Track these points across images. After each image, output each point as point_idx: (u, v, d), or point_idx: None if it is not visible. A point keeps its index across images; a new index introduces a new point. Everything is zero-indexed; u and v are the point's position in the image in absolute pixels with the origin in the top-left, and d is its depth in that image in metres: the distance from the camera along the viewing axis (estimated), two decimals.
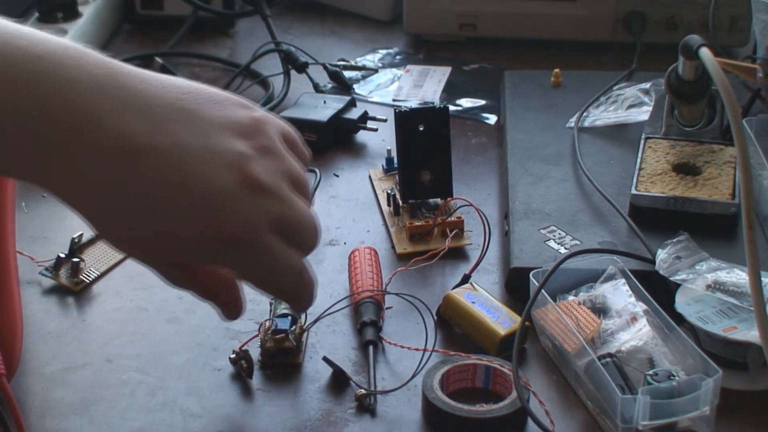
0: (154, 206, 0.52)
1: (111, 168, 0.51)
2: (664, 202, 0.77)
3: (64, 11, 1.07)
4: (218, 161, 0.53)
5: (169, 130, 0.52)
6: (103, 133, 0.51)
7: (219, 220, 0.52)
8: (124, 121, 0.51)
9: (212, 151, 0.53)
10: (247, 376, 0.66)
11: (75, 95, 0.50)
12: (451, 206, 0.81)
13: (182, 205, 0.52)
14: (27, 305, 0.71)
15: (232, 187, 0.53)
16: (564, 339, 0.65)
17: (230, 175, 0.53)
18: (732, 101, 0.63)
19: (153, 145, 0.52)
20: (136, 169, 0.51)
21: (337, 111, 0.95)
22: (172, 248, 0.54)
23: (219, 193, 0.52)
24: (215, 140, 0.53)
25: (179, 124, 0.53)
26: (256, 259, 0.54)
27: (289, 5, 1.23)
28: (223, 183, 0.53)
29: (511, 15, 1.11)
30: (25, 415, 0.62)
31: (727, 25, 1.08)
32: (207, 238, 0.53)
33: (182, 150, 0.52)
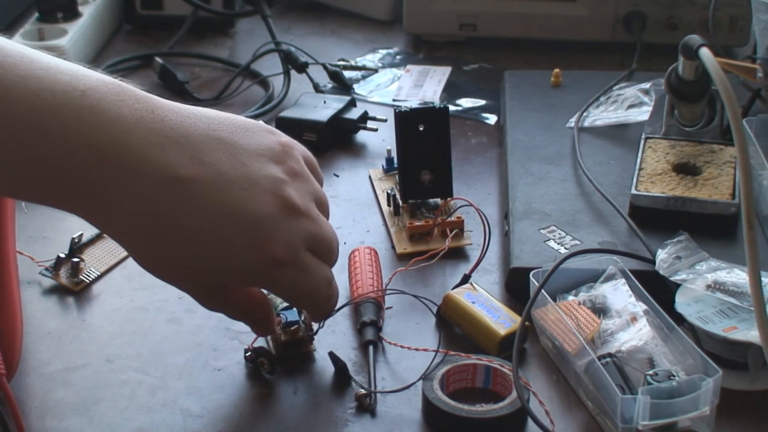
0: (199, 234, 0.55)
1: (155, 198, 0.54)
2: (664, 202, 0.77)
3: (64, 11, 1.07)
4: (257, 188, 0.56)
5: (208, 160, 0.55)
6: (147, 164, 0.54)
7: (264, 245, 0.56)
8: (166, 153, 0.54)
9: (251, 179, 0.56)
10: (269, 373, 0.67)
11: (119, 129, 0.53)
12: (451, 206, 0.81)
13: (227, 231, 0.55)
14: (27, 305, 0.71)
15: (273, 211, 0.57)
16: (564, 339, 0.65)
17: (270, 200, 0.57)
18: (732, 101, 0.63)
19: (195, 175, 0.55)
20: (181, 199, 0.54)
21: (337, 111, 0.95)
22: (216, 273, 0.58)
23: (262, 218, 0.56)
24: (252, 167, 0.57)
25: (218, 154, 0.56)
26: (296, 277, 0.59)
27: (289, 5, 1.23)
28: (264, 208, 0.56)
29: (511, 15, 1.11)
30: (25, 415, 0.62)
31: (727, 25, 1.08)
32: (252, 262, 0.57)
33: (223, 179, 0.55)
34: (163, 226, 0.55)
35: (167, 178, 0.54)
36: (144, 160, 0.54)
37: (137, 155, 0.53)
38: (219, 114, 0.59)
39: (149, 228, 0.55)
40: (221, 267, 0.57)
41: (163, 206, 0.54)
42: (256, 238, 0.56)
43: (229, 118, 0.59)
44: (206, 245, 0.56)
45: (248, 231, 0.56)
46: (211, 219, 0.55)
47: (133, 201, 0.54)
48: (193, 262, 0.56)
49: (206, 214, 0.55)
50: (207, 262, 0.56)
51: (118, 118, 0.53)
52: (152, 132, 0.54)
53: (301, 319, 0.68)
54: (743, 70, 0.83)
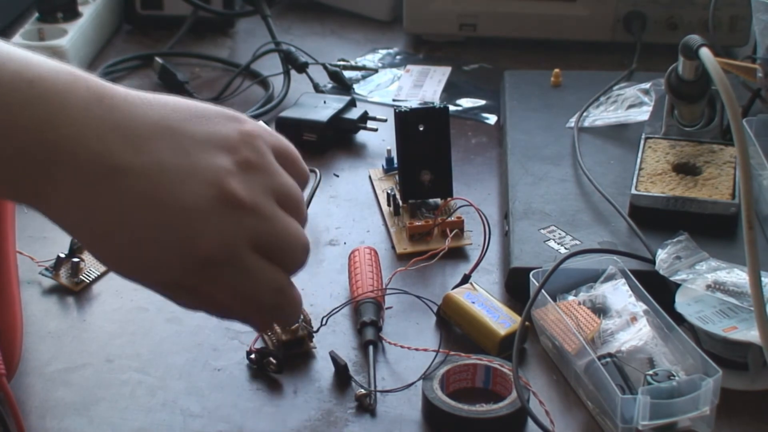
0: (133, 225, 0.52)
1: (91, 188, 0.51)
2: (664, 202, 0.77)
3: (64, 11, 1.07)
4: (196, 179, 0.52)
5: (150, 149, 0.52)
6: (86, 155, 0.51)
7: (192, 240, 0.52)
8: (105, 142, 0.51)
9: (191, 169, 0.52)
10: (277, 372, 0.67)
11: (63, 120, 0.51)
12: (451, 206, 0.81)
13: (158, 224, 0.52)
14: (27, 305, 0.71)
15: (206, 204, 0.52)
16: (564, 339, 0.65)
17: (207, 192, 0.52)
18: (732, 101, 0.63)
19: (132, 164, 0.51)
20: (115, 189, 0.51)
21: (337, 111, 0.95)
22: (154, 269, 0.53)
23: (191, 211, 0.52)
24: (196, 157, 0.52)
25: (161, 143, 0.52)
26: (231, 279, 0.53)
27: (289, 5, 1.23)
28: (196, 200, 0.52)
29: (511, 15, 1.11)
30: (25, 415, 0.62)
31: (727, 25, 1.08)
32: (183, 258, 0.52)
33: (161, 168, 0.52)
34: (102, 217, 0.52)
35: (104, 167, 0.51)
36: (86, 151, 0.51)
37: (80, 146, 0.51)
38: (179, 102, 0.55)
39: (91, 220, 0.52)
40: (156, 262, 0.53)
41: (99, 196, 0.51)
42: (183, 232, 0.52)
43: (189, 105, 0.55)
44: (139, 238, 0.52)
45: (177, 225, 0.52)
46: (142, 211, 0.51)
47: (75, 193, 0.51)
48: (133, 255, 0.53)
49: (138, 205, 0.51)
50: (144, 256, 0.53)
51: (64, 109, 0.51)
52: (97, 121, 0.51)
53: (300, 318, 0.68)
54: (743, 70, 0.83)
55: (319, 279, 0.76)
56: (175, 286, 0.56)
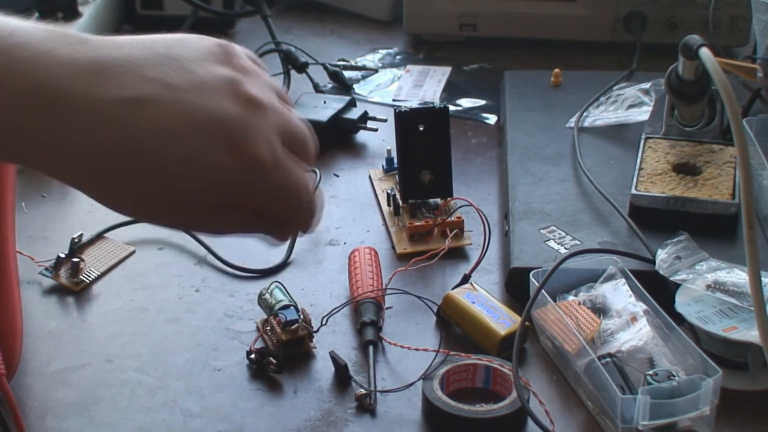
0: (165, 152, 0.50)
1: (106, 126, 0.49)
2: (664, 202, 0.77)
3: (64, 11, 1.07)
4: (214, 91, 0.52)
5: (153, 76, 0.51)
6: (90, 92, 0.49)
7: (243, 146, 0.51)
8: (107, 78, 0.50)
9: (204, 83, 0.52)
10: (277, 372, 0.67)
11: (53, 62, 0.49)
12: (451, 206, 0.81)
13: (198, 139, 0.51)
14: (27, 305, 0.71)
15: (238, 111, 0.52)
16: (564, 339, 0.65)
17: (230, 101, 0.52)
18: (732, 101, 0.63)
19: (143, 94, 0.50)
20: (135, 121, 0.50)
21: (337, 111, 0.95)
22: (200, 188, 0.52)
23: (230, 120, 0.51)
24: (201, 73, 0.52)
25: (161, 68, 0.52)
26: (277, 178, 0.53)
27: (289, 5, 1.23)
28: (228, 110, 0.52)
29: (511, 15, 1.11)
30: (25, 415, 0.62)
31: (727, 25, 1.08)
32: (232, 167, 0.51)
33: (176, 91, 0.51)
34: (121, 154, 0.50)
35: (113, 102, 0.50)
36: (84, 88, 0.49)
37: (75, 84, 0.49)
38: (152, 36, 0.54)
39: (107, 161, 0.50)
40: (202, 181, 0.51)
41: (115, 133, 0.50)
42: (230, 140, 0.51)
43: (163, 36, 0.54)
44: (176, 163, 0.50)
45: (218, 136, 0.51)
46: (173, 133, 0.50)
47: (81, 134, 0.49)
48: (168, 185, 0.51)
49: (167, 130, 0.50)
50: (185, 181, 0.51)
51: (50, 53, 0.50)
52: (88, 61, 0.50)
53: (300, 318, 0.68)
54: (743, 70, 0.83)
55: (319, 279, 0.76)
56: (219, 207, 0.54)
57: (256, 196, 0.54)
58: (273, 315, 0.68)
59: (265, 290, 0.71)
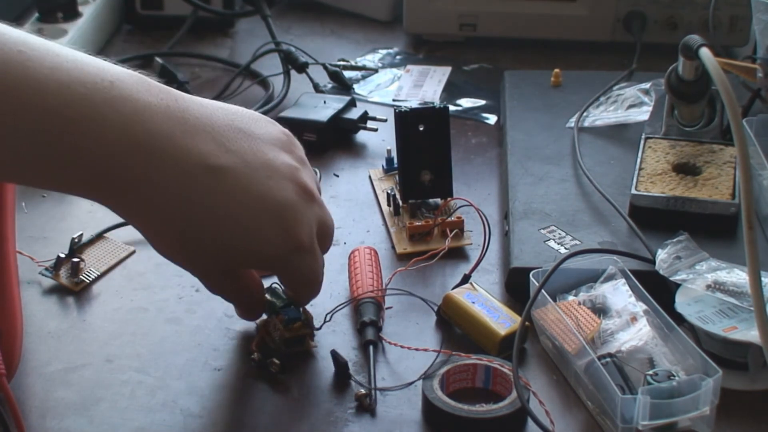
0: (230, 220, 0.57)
1: (189, 185, 0.55)
2: (664, 202, 0.77)
3: (64, 11, 1.07)
4: (278, 175, 0.59)
5: (234, 149, 0.57)
6: (180, 152, 0.55)
7: (292, 230, 0.59)
8: (196, 142, 0.56)
9: (272, 167, 0.59)
10: (280, 373, 0.67)
11: (150, 118, 0.54)
12: (451, 206, 0.81)
13: (258, 217, 0.57)
14: (27, 305, 0.71)
15: (295, 198, 0.59)
16: (564, 339, 0.65)
17: (290, 187, 0.59)
18: (732, 101, 0.63)
19: (225, 164, 0.56)
20: (213, 186, 0.56)
21: (337, 111, 0.95)
22: (243, 258, 0.60)
23: (288, 204, 0.58)
24: (270, 156, 0.59)
25: (240, 143, 0.58)
26: (309, 262, 0.61)
27: (289, 5, 1.23)
28: (288, 195, 0.58)
29: (511, 15, 1.11)
30: (25, 415, 0.62)
31: (727, 25, 1.08)
32: (280, 247, 0.59)
33: (249, 167, 0.57)
34: (196, 212, 0.56)
35: (200, 165, 0.55)
36: (177, 148, 0.55)
37: (170, 143, 0.55)
38: (231, 106, 0.61)
39: (181, 214, 0.56)
40: (249, 252, 0.59)
41: (196, 193, 0.56)
42: (284, 223, 0.58)
43: (240, 109, 0.61)
44: (237, 230, 0.57)
45: (277, 217, 0.58)
46: (241, 205, 0.57)
47: (167, 187, 0.55)
48: (221, 246, 0.58)
49: (237, 201, 0.57)
50: (237, 247, 0.58)
51: (148, 107, 0.55)
52: (180, 121, 0.56)
53: (302, 316, 0.68)
54: (743, 70, 0.83)
55: None
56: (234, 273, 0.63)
57: (288, 273, 0.63)
58: (275, 313, 0.68)
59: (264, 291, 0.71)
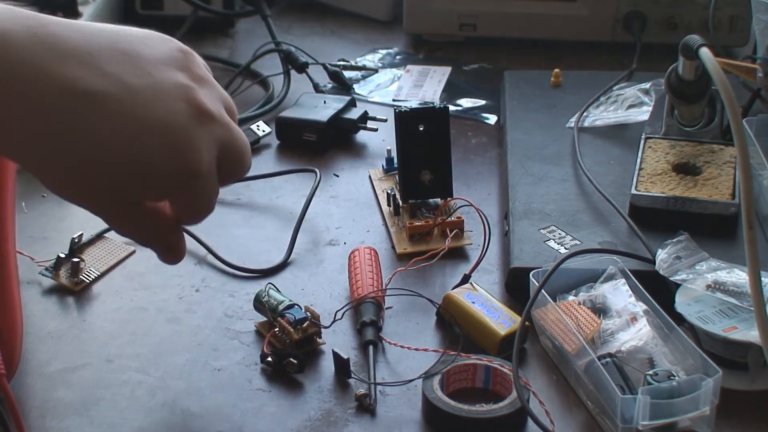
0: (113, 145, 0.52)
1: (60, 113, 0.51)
2: (664, 202, 0.77)
3: (64, 11, 1.07)
4: (167, 96, 0.54)
5: (112, 71, 0.53)
6: (47, 79, 0.51)
7: (185, 153, 0.53)
8: (66, 67, 0.52)
9: (159, 87, 0.54)
10: (298, 372, 0.66)
11: (12, 45, 0.51)
12: (451, 206, 0.81)
13: (144, 140, 0.53)
14: (27, 305, 0.71)
15: (187, 119, 0.54)
16: (564, 339, 0.65)
17: (182, 108, 0.54)
18: (732, 101, 0.63)
19: (100, 88, 0.52)
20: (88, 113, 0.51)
21: (337, 111, 0.95)
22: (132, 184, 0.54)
23: (178, 126, 0.53)
24: (158, 76, 0.54)
25: (121, 66, 0.53)
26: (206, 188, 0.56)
27: (289, 5, 1.23)
28: (178, 116, 0.53)
29: (511, 15, 1.11)
30: (25, 415, 0.62)
31: (727, 25, 1.08)
32: (171, 170, 0.54)
33: (130, 90, 0.53)
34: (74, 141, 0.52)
35: (70, 92, 0.51)
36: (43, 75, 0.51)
37: (35, 70, 0.51)
38: (116, 27, 0.56)
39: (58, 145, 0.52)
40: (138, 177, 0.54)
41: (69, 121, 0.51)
42: (175, 146, 0.53)
43: (127, 29, 0.56)
44: (121, 156, 0.52)
45: (166, 139, 0.53)
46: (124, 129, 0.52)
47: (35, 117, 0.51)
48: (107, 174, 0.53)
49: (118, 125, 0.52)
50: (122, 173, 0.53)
51: (8, 33, 0.51)
52: (49, 47, 0.52)
53: (308, 315, 0.68)
54: (743, 70, 0.83)
55: (319, 279, 0.76)
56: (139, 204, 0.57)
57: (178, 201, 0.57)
58: (279, 315, 0.68)
59: (261, 292, 0.71)
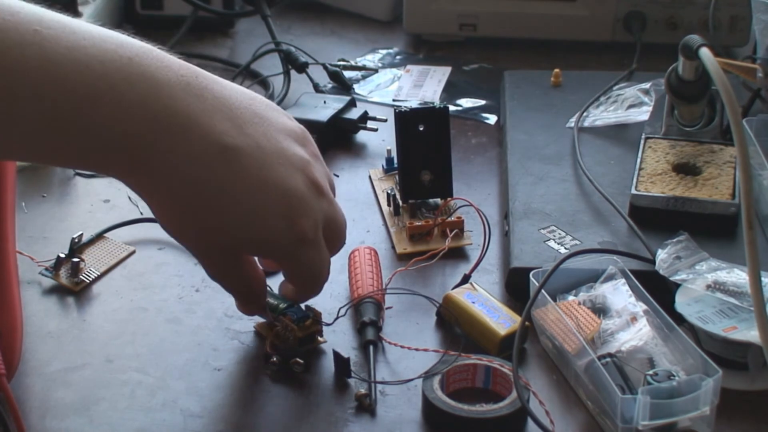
0: (239, 202, 0.57)
1: (205, 163, 0.55)
2: (664, 202, 0.77)
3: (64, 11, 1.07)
4: (289, 164, 0.59)
5: (250, 132, 0.57)
6: (198, 129, 0.55)
7: (297, 219, 0.58)
8: (214, 121, 0.56)
9: (285, 155, 0.59)
10: (305, 371, 0.66)
11: (169, 95, 0.54)
12: (451, 206, 0.81)
13: (265, 201, 0.57)
14: (27, 305, 0.71)
15: (304, 189, 0.59)
16: (564, 339, 0.65)
17: (301, 178, 0.59)
18: (732, 101, 0.63)
19: (240, 145, 0.56)
20: (227, 167, 0.56)
21: (337, 111, 0.95)
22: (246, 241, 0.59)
23: (296, 193, 0.58)
24: (284, 145, 0.59)
25: (256, 128, 0.58)
26: (312, 256, 0.61)
27: (289, 5, 1.23)
28: (297, 184, 0.58)
29: (511, 15, 1.11)
30: (25, 415, 0.62)
31: (727, 25, 1.08)
32: (283, 235, 0.58)
33: (263, 152, 0.57)
34: (208, 190, 0.56)
35: (216, 144, 0.56)
36: (195, 125, 0.55)
37: (188, 120, 0.55)
38: (249, 91, 0.61)
39: (193, 191, 0.56)
40: (254, 235, 0.58)
41: (208, 171, 0.56)
42: (290, 211, 0.58)
43: (258, 96, 0.61)
44: (244, 213, 0.57)
45: (284, 204, 0.58)
46: (252, 188, 0.57)
47: (183, 164, 0.55)
48: (228, 228, 0.58)
49: (246, 183, 0.57)
50: (241, 230, 0.58)
51: (167, 84, 0.55)
52: (199, 99, 0.56)
53: (310, 314, 0.68)
54: (743, 70, 0.83)
55: None
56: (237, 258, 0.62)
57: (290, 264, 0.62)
58: (281, 314, 0.68)
59: None
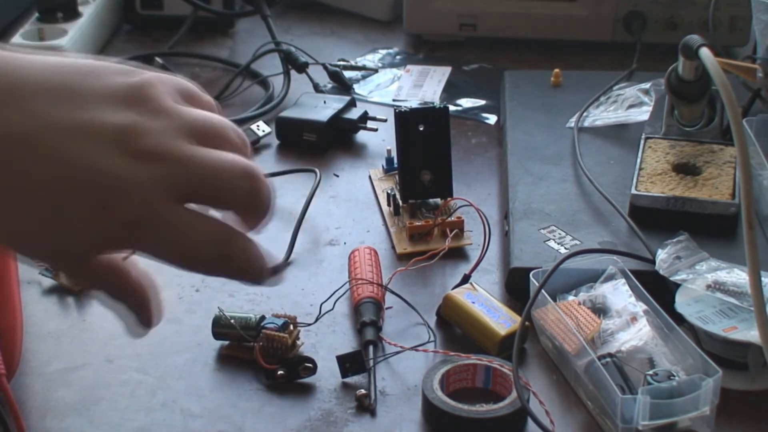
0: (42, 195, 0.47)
1: None
2: (664, 202, 0.77)
3: (64, 11, 1.07)
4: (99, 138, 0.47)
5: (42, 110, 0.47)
6: None
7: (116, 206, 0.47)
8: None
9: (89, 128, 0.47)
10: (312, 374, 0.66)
11: None
12: (451, 206, 0.81)
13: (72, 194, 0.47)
14: (27, 305, 0.71)
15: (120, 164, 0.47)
16: (564, 339, 0.65)
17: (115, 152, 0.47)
18: (732, 101, 0.63)
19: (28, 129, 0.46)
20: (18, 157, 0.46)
21: (337, 111, 0.95)
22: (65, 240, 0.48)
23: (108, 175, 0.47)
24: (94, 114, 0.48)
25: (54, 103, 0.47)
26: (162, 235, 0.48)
27: (289, 5, 1.23)
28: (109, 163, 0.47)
29: (511, 15, 1.11)
30: (25, 415, 0.62)
31: (727, 25, 1.08)
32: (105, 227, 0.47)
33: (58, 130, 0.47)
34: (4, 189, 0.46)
35: None
36: None
37: None
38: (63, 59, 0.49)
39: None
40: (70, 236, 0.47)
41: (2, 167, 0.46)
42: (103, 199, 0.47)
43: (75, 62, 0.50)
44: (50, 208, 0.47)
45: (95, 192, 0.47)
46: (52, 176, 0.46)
47: None
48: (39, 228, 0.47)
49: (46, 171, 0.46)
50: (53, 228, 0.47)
51: None
52: None
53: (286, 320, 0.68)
54: (743, 70, 0.83)
55: (319, 279, 0.76)
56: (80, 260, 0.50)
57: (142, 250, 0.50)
58: (260, 329, 0.67)
59: (219, 317, 0.69)
